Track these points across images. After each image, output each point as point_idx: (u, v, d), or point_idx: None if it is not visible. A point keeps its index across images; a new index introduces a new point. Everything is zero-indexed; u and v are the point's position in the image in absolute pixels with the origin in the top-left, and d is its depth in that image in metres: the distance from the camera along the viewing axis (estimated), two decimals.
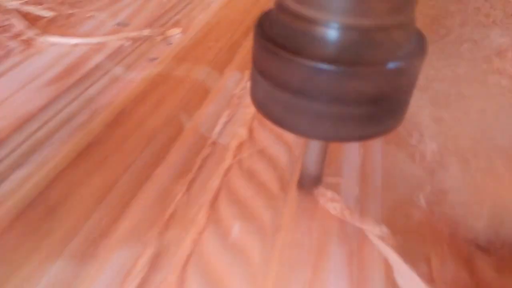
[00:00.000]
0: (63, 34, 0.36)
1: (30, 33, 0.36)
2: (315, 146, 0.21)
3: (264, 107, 0.18)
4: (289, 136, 0.27)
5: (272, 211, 0.22)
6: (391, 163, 0.25)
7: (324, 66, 0.15)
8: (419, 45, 0.17)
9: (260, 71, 0.18)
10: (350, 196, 0.23)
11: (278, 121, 0.18)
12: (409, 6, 0.16)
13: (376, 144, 0.27)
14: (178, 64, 0.34)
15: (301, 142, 0.26)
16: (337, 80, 0.15)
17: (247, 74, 0.33)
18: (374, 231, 0.21)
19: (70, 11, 0.41)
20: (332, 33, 0.15)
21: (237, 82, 0.32)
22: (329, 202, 0.22)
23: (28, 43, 0.35)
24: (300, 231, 0.21)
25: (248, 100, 0.29)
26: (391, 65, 0.15)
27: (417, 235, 0.21)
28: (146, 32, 0.38)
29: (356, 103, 0.16)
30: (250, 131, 0.27)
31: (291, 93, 0.16)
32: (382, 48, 0.16)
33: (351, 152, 0.26)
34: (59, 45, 0.35)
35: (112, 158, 0.24)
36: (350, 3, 0.15)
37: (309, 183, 0.23)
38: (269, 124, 0.20)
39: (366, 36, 0.15)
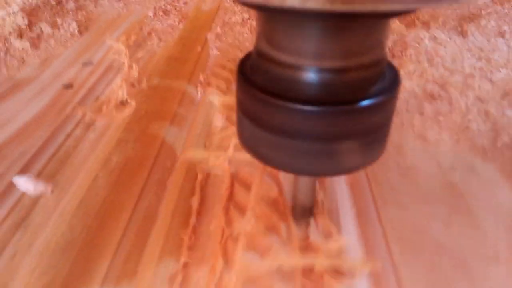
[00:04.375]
0: None
1: None
2: (303, 180, 0.21)
3: (251, 147, 0.19)
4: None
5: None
6: None
7: (302, 107, 0.16)
8: (392, 78, 0.18)
9: (244, 113, 0.18)
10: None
11: (265, 160, 0.18)
12: (380, 45, 0.17)
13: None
14: None
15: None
16: (314, 119, 0.16)
17: None
18: None
19: None
20: (308, 75, 0.16)
21: None
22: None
23: None
24: None
25: None
26: (364, 103, 0.16)
27: None
28: None
29: (334, 140, 0.16)
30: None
31: (275, 133, 0.17)
32: (356, 87, 0.16)
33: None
34: None
35: None
36: (322, 48, 0.16)
37: (301, 214, 0.23)
38: None
39: (339, 77, 0.16)
